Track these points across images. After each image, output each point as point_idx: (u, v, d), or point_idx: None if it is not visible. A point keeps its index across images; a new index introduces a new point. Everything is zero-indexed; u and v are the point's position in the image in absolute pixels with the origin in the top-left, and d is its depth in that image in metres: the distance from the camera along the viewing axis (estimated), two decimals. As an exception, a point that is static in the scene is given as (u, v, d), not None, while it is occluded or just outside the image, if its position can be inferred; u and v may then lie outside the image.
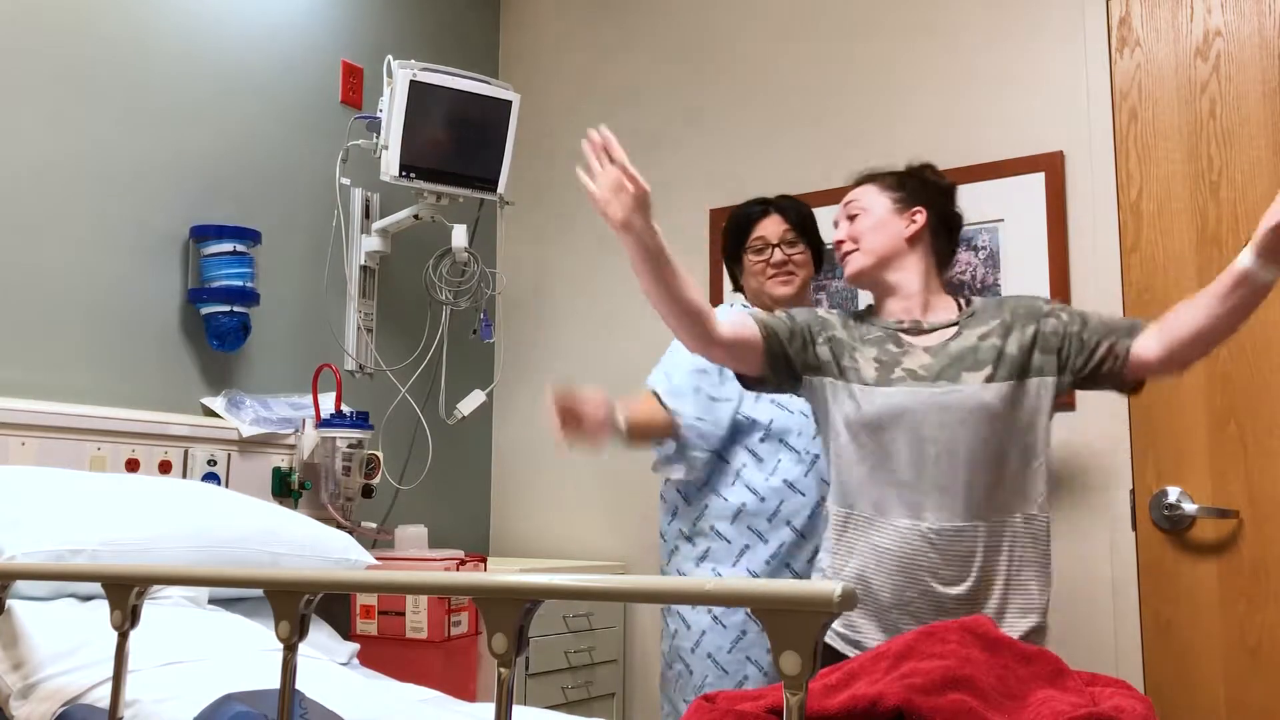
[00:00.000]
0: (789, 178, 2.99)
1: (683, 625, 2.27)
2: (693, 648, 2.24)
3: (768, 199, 2.44)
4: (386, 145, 2.77)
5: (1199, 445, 2.39)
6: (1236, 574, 2.32)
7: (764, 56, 3.09)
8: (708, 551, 2.28)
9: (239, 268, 2.62)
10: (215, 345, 2.64)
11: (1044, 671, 1.33)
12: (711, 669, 2.20)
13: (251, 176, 2.83)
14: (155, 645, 1.60)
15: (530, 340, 3.45)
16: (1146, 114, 2.52)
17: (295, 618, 1.14)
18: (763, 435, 2.28)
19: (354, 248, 3.05)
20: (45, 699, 1.50)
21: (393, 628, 2.40)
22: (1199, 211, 2.44)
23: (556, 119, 3.48)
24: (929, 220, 1.98)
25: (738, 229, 2.42)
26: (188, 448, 2.48)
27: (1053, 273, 2.56)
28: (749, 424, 2.28)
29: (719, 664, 2.20)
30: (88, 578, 1.37)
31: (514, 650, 0.99)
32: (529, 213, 3.49)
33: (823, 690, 1.24)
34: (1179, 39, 2.50)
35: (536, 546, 3.35)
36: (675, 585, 0.95)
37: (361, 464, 2.71)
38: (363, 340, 3.06)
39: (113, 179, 2.53)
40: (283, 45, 2.94)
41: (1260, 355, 2.34)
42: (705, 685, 2.19)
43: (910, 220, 1.97)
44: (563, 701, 2.72)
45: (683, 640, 2.26)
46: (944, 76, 2.78)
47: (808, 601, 0.85)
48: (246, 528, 2.05)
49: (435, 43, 3.39)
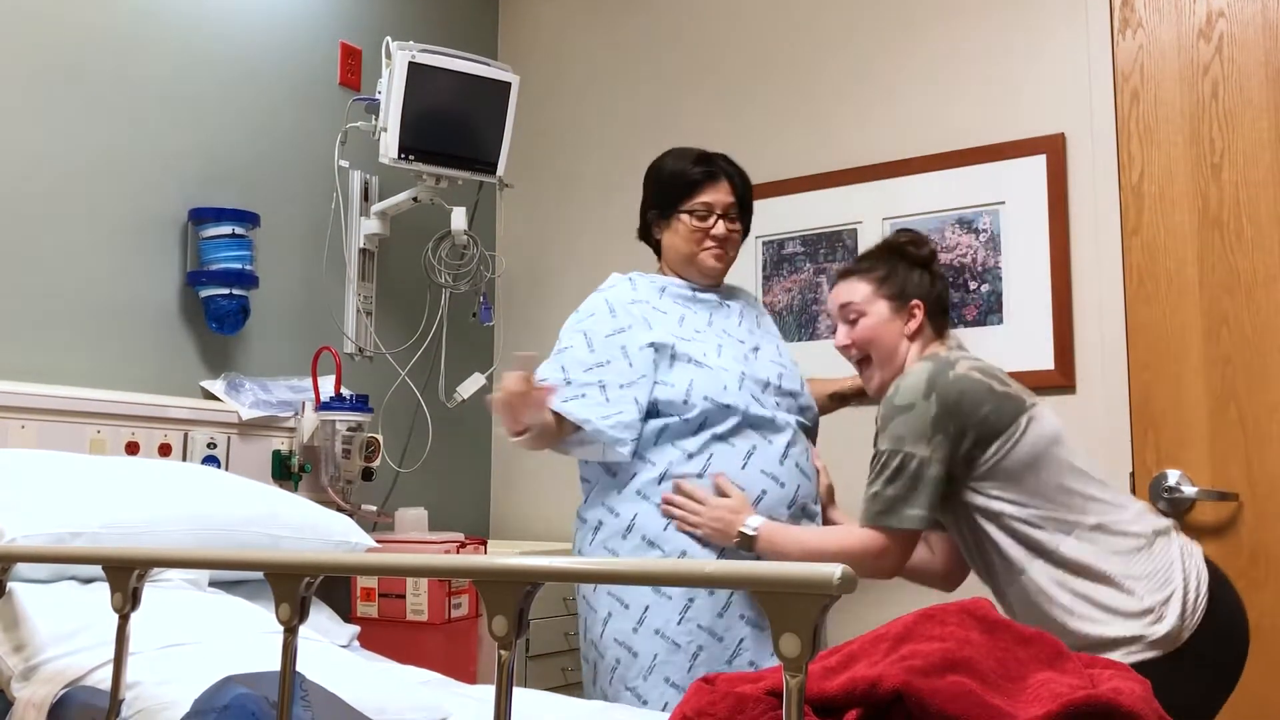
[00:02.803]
0: (790, 160, 2.98)
1: (618, 606, 2.06)
2: (635, 627, 2.03)
3: (713, 158, 2.23)
4: (385, 127, 2.76)
5: (1199, 428, 2.39)
6: (1236, 556, 2.32)
7: (764, 38, 3.08)
8: (634, 519, 2.07)
9: (238, 250, 2.61)
10: (215, 328, 2.64)
11: (1043, 654, 1.33)
12: (662, 645, 2.01)
13: (250, 159, 2.82)
14: (156, 628, 1.60)
15: (530, 323, 3.45)
16: (1149, 96, 2.51)
17: (296, 600, 1.15)
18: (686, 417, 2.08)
19: (353, 230, 3.04)
20: (46, 681, 1.50)
21: (393, 610, 2.41)
22: (1201, 194, 2.43)
23: (556, 101, 3.47)
24: (926, 308, 2.01)
25: (680, 187, 2.19)
26: (187, 431, 2.48)
27: (1053, 255, 2.56)
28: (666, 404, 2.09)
29: (669, 638, 2.01)
30: (88, 560, 1.38)
31: (514, 632, 0.99)
32: (528, 195, 3.48)
33: (822, 673, 1.24)
34: (1181, 20, 2.49)
35: (536, 529, 3.36)
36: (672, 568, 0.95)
37: (361, 447, 2.71)
38: (362, 323, 3.05)
39: (112, 163, 2.52)
40: (281, 27, 2.93)
41: (1260, 338, 2.34)
42: (657, 665, 2.00)
43: (910, 316, 2.00)
44: (562, 683, 2.73)
45: (620, 623, 2.05)
46: (945, 59, 2.77)
47: (809, 584, 0.85)
48: (247, 511, 2.05)
49: (434, 24, 3.37)
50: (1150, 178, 2.49)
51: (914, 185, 2.76)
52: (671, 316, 2.16)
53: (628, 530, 2.08)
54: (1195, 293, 2.42)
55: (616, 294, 2.20)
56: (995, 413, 1.82)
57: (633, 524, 2.08)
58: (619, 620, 2.06)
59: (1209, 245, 2.41)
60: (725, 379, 2.08)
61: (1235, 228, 2.39)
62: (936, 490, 1.82)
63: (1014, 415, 1.83)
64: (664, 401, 2.08)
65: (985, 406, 1.82)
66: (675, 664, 2.01)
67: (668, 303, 2.19)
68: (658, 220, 2.24)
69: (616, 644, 2.06)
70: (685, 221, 2.19)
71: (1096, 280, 2.51)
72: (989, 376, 1.86)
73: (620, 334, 2.13)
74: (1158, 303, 2.46)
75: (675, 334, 2.12)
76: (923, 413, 1.82)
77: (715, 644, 2.02)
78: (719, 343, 2.14)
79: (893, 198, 2.78)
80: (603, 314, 2.17)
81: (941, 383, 1.83)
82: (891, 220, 2.77)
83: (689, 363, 2.09)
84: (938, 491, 1.83)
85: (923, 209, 2.74)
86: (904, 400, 1.84)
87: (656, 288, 2.21)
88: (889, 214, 2.78)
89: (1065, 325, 2.53)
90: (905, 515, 1.82)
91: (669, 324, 2.14)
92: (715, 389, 2.06)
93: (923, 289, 2.01)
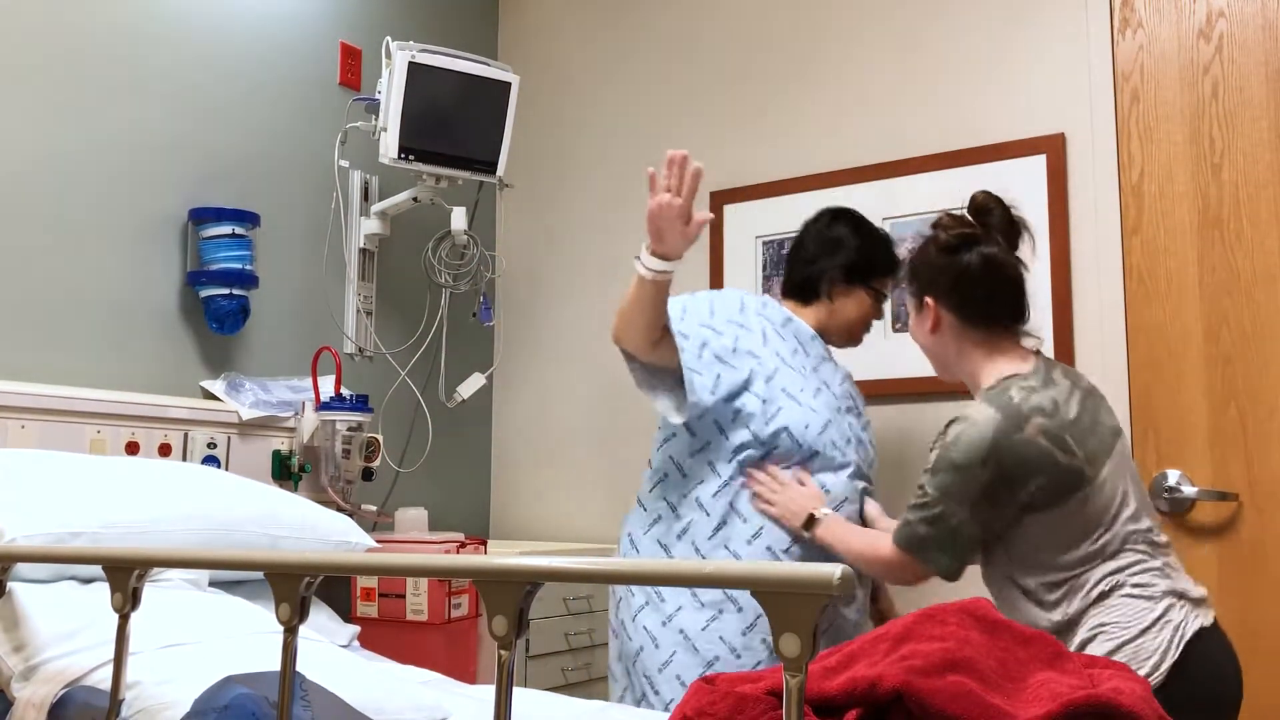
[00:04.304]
0: (790, 159, 2.98)
1: (655, 598, 2.14)
2: (664, 621, 2.11)
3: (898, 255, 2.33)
4: (385, 127, 2.76)
5: (1199, 428, 2.39)
6: (1236, 556, 2.32)
7: (764, 37, 3.08)
8: (689, 525, 2.15)
9: (238, 250, 2.61)
10: (214, 328, 2.64)
11: (1043, 654, 1.33)
12: (682, 645, 2.08)
13: (250, 159, 2.82)
14: (156, 627, 1.60)
15: (530, 323, 3.45)
16: (1149, 96, 2.51)
17: (296, 600, 1.14)
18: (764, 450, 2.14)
19: (353, 230, 3.04)
20: (47, 681, 1.50)
21: (393, 610, 2.41)
22: (1201, 193, 2.43)
23: (556, 100, 3.47)
24: (940, 303, 1.90)
25: (886, 263, 2.29)
26: (187, 431, 2.48)
27: (1054, 255, 2.56)
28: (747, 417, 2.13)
29: (690, 640, 2.08)
30: (88, 560, 1.37)
31: (514, 632, 0.99)
32: (528, 195, 3.48)
33: (822, 673, 1.24)
34: (1181, 20, 2.49)
35: (536, 529, 3.36)
36: (674, 568, 0.95)
37: (361, 447, 2.71)
38: (362, 323, 3.05)
39: (111, 162, 2.52)
40: (281, 26, 2.93)
41: (1260, 338, 2.34)
42: (673, 661, 2.08)
43: (922, 307, 1.94)
44: (563, 683, 2.73)
45: (652, 614, 2.13)
46: (945, 58, 2.77)
47: (808, 584, 0.85)
48: (247, 510, 2.05)
49: (434, 24, 3.37)
50: (1150, 177, 2.49)
51: (914, 185, 2.76)
52: (786, 346, 2.22)
53: (683, 533, 2.16)
54: (1195, 293, 2.42)
55: (749, 299, 2.27)
56: (1050, 487, 1.74)
57: (687, 528, 2.15)
58: (651, 612, 2.13)
59: (1209, 245, 2.41)
60: (812, 419, 2.13)
61: (1235, 228, 2.39)
62: (972, 546, 1.81)
63: (1066, 494, 1.74)
64: (746, 413, 2.12)
65: (1041, 478, 1.73)
66: (690, 666, 2.08)
67: (788, 334, 2.25)
68: (838, 280, 2.27)
69: (644, 631, 2.13)
70: (869, 297, 2.29)
71: (1096, 280, 2.51)
72: (1056, 445, 1.74)
73: (739, 327, 2.20)
74: (1158, 303, 2.46)
75: (783, 360, 2.18)
76: (976, 479, 1.75)
77: (733, 660, 2.08)
78: (818, 387, 2.20)
79: (892, 198, 2.78)
80: (732, 302, 2.25)
81: (1004, 448, 1.73)
82: (891, 220, 2.76)
83: (783, 392, 2.14)
84: (974, 547, 1.81)
85: (923, 209, 2.73)
86: (961, 459, 1.75)
87: (783, 316, 2.27)
88: (889, 214, 2.78)
89: (1065, 325, 2.53)
90: (933, 558, 1.81)
91: (782, 350, 2.20)
92: (799, 424, 2.12)
93: (944, 280, 1.89)
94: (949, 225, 1.91)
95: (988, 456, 1.74)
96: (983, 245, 1.88)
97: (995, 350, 1.89)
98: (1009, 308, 1.89)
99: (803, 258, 2.31)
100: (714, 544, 2.12)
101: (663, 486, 2.22)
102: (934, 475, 1.80)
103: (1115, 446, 1.81)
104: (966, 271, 1.87)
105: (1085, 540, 1.75)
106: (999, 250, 1.88)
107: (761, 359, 2.16)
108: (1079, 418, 1.78)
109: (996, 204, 1.91)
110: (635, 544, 2.23)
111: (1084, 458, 1.75)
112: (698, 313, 2.19)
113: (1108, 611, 1.72)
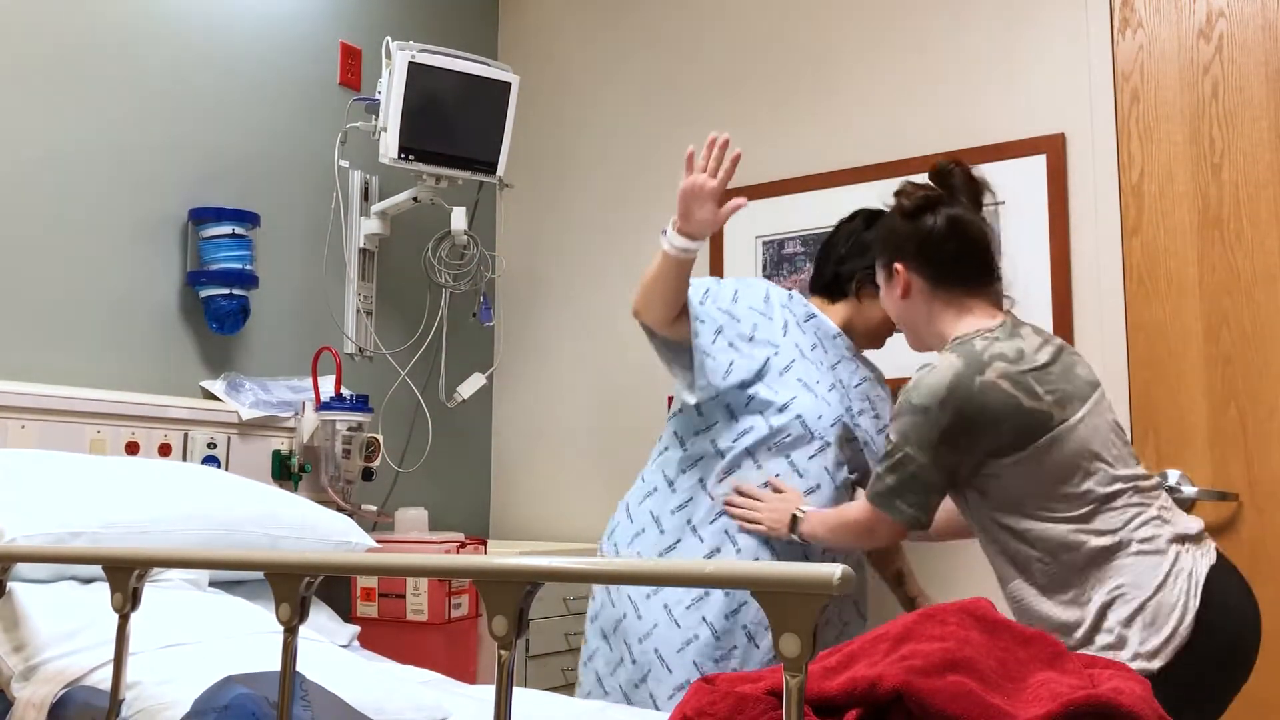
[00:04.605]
0: (790, 160, 2.98)
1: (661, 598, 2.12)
2: (680, 611, 2.09)
3: None
4: (385, 127, 2.76)
5: (1199, 428, 2.39)
6: (1236, 556, 2.32)
7: (765, 37, 3.08)
8: (689, 501, 2.15)
9: (238, 250, 2.61)
10: (214, 328, 2.64)
11: (1043, 654, 1.33)
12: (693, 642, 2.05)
13: (250, 159, 2.82)
14: (156, 627, 1.61)
15: (530, 323, 3.45)
16: (1149, 96, 2.51)
17: (296, 600, 1.15)
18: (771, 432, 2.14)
19: (353, 230, 3.04)
20: (47, 681, 1.50)
21: (393, 610, 2.41)
22: (1201, 193, 2.43)
23: (556, 101, 3.47)
24: (909, 267, 1.90)
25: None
26: (187, 431, 2.48)
27: (1054, 255, 2.56)
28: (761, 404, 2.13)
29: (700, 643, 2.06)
30: (88, 560, 1.37)
31: (514, 632, 0.99)
32: (528, 195, 3.48)
33: (822, 673, 1.24)
34: (1181, 20, 2.49)
35: (536, 529, 3.36)
36: (674, 567, 0.95)
37: (361, 447, 2.71)
38: (362, 323, 3.05)
39: (111, 162, 2.52)
40: (281, 26, 2.93)
41: (1260, 338, 2.34)
42: (689, 646, 2.05)
43: (891, 275, 1.94)
44: (562, 683, 2.73)
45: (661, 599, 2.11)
46: (945, 59, 2.77)
47: (808, 584, 0.85)
48: (247, 510, 2.05)
49: (434, 24, 3.37)
50: (1150, 177, 2.49)
51: (914, 185, 2.76)
52: (806, 340, 2.22)
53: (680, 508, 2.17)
54: (1195, 293, 2.42)
55: (775, 291, 2.27)
56: (1014, 432, 1.73)
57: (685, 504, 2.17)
58: (665, 594, 2.12)
59: (1209, 245, 2.41)
60: (825, 411, 2.13)
61: (1235, 228, 2.39)
62: (934, 492, 1.81)
63: (1032, 437, 1.72)
64: (760, 400, 2.12)
65: (1005, 424, 1.72)
66: (669, 641, 2.07)
67: (809, 329, 2.25)
68: (866, 282, 2.20)
69: (628, 599, 2.12)
70: None
71: (1096, 280, 2.51)
72: (1020, 389, 1.73)
73: (761, 315, 2.20)
74: (1158, 302, 2.46)
75: (801, 352, 2.19)
76: (934, 422, 1.74)
77: (712, 641, 2.07)
78: (832, 384, 2.20)
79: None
80: (757, 291, 2.25)
81: (963, 392, 1.73)
82: (891, 220, 2.77)
83: (799, 381, 2.14)
84: (936, 492, 1.81)
85: (923, 209, 2.73)
86: (920, 401, 1.76)
87: (807, 311, 2.27)
88: (889, 214, 2.78)
89: (1065, 325, 2.53)
90: (898, 508, 1.82)
91: (801, 343, 2.20)
92: (812, 413, 2.12)
93: (911, 245, 1.88)
94: (910, 192, 1.91)
95: (946, 399, 1.74)
96: (946, 206, 1.88)
97: (965, 310, 1.89)
98: (977, 266, 1.89)
99: (833, 256, 2.30)
100: (715, 529, 2.13)
101: (663, 460, 2.24)
102: (895, 420, 1.81)
103: (1092, 395, 1.80)
104: (932, 234, 1.87)
105: (1064, 484, 1.73)
106: (963, 210, 1.89)
107: (780, 348, 2.17)
108: (1049, 365, 1.78)
109: (956, 165, 1.93)
110: (630, 513, 2.26)
111: (1052, 401, 1.74)
112: (719, 297, 2.20)
113: (1120, 573, 1.71)
